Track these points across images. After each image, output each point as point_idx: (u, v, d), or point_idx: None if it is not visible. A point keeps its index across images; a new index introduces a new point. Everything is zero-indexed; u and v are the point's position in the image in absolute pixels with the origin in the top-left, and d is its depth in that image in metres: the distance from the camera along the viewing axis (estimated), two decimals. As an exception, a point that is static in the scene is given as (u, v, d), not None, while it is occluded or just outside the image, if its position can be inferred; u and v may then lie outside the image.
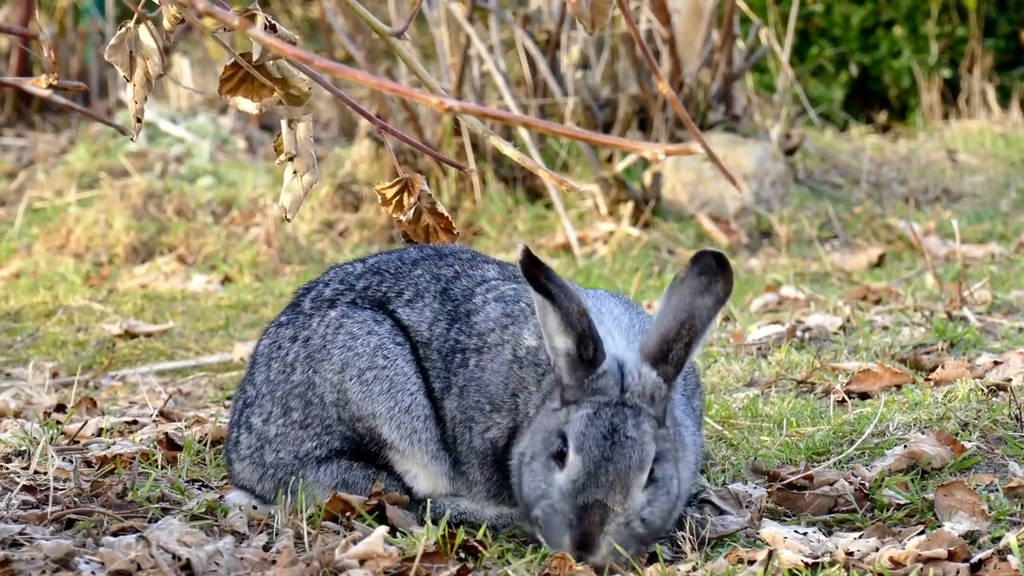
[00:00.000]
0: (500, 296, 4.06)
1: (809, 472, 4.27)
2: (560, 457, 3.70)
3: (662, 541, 3.91)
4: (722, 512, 4.09)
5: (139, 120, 3.98)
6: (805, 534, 3.86)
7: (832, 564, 3.68)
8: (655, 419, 3.73)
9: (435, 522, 3.91)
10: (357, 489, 4.03)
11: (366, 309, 4.10)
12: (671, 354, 3.75)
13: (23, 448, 4.76)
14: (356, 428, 4.01)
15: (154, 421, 5.25)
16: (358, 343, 4.02)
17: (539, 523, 3.72)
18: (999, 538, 3.80)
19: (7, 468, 4.50)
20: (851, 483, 4.20)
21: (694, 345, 3.75)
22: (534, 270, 3.66)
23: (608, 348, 3.78)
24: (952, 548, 3.68)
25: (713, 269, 3.76)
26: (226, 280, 8.73)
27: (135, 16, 3.94)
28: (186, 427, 5.12)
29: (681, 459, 3.83)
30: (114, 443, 4.84)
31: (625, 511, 3.67)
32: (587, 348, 3.71)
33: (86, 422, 5.06)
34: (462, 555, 3.79)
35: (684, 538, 3.86)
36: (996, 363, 5.25)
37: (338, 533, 3.90)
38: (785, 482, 4.25)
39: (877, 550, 3.73)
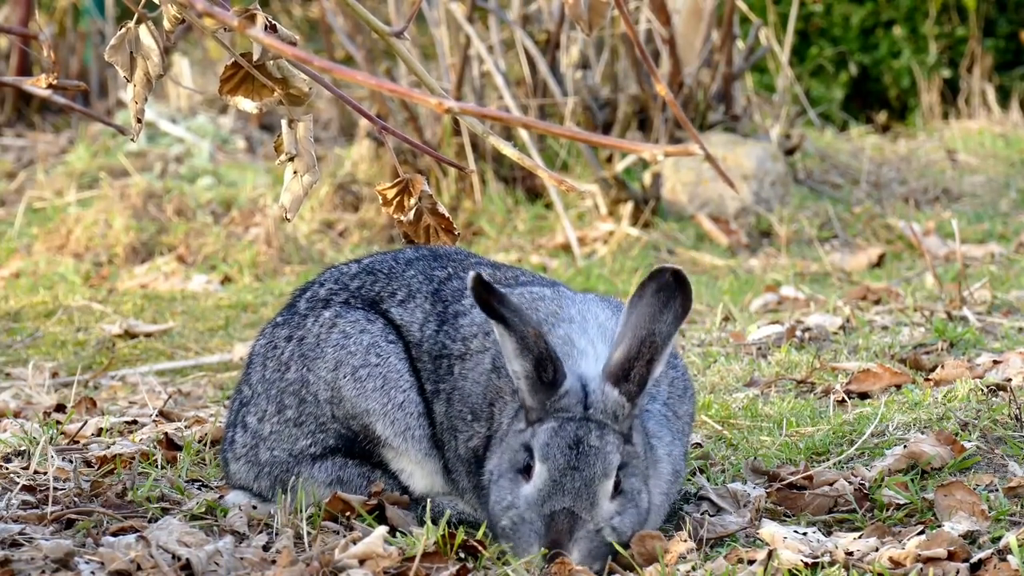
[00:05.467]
0: None
1: (809, 472, 4.27)
2: (526, 471, 3.71)
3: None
4: (721, 511, 4.09)
5: (139, 120, 3.98)
6: (805, 534, 3.86)
7: (832, 564, 3.69)
8: (620, 434, 3.73)
9: (435, 522, 3.91)
10: (352, 487, 4.04)
11: (359, 309, 4.11)
12: (632, 372, 3.74)
13: (23, 448, 4.76)
14: (350, 425, 4.02)
15: (154, 421, 5.25)
16: (351, 341, 4.04)
17: (507, 533, 3.73)
18: (999, 538, 3.80)
19: (7, 468, 4.50)
20: (851, 483, 4.20)
21: (655, 363, 3.74)
22: (486, 296, 3.66)
23: (571, 367, 3.79)
24: (952, 548, 3.68)
25: (671, 286, 3.74)
26: (226, 280, 8.73)
27: (135, 16, 3.94)
28: (186, 427, 5.12)
29: (652, 475, 3.83)
30: (114, 443, 4.85)
31: (593, 518, 3.67)
32: (546, 370, 3.72)
33: (86, 422, 5.06)
34: (462, 555, 3.79)
35: (683, 539, 3.85)
36: (996, 363, 5.25)
37: (338, 533, 3.90)
38: (785, 482, 4.25)
39: (877, 550, 3.73)
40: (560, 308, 3.99)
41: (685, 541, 3.76)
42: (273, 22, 3.80)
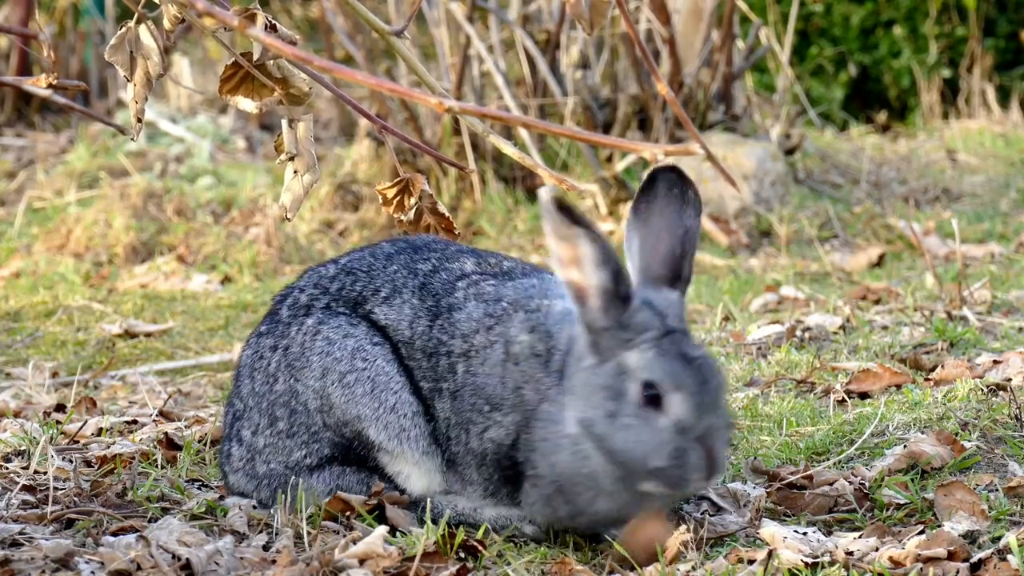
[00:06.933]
0: (479, 294, 4.02)
1: (809, 472, 4.27)
2: (654, 402, 3.69)
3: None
4: (721, 511, 4.09)
5: (139, 120, 3.98)
6: (805, 534, 3.86)
7: (832, 564, 3.69)
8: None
9: (434, 522, 3.90)
10: (352, 493, 4.02)
11: (341, 314, 4.06)
12: (682, 270, 3.81)
13: (23, 448, 4.76)
14: (343, 433, 3.99)
15: (154, 421, 5.25)
16: (335, 347, 3.99)
17: (665, 471, 3.69)
18: (999, 538, 3.80)
19: (7, 468, 4.50)
20: (851, 483, 4.20)
21: (693, 258, 3.83)
22: (564, 208, 3.68)
23: None
24: (952, 548, 3.68)
25: (678, 183, 3.83)
26: (226, 280, 8.73)
27: (135, 16, 3.94)
28: (186, 427, 5.11)
29: None
30: (114, 443, 4.84)
31: (725, 422, 3.74)
32: (621, 283, 3.73)
33: (86, 422, 5.06)
34: (462, 555, 3.79)
35: (681, 533, 3.85)
36: (996, 363, 5.25)
37: (338, 533, 3.90)
38: (785, 482, 4.25)
39: (877, 550, 3.73)
40: (554, 288, 4.00)
41: (683, 534, 3.76)
42: (273, 22, 3.80)
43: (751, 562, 3.70)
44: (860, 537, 3.83)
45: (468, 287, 4.05)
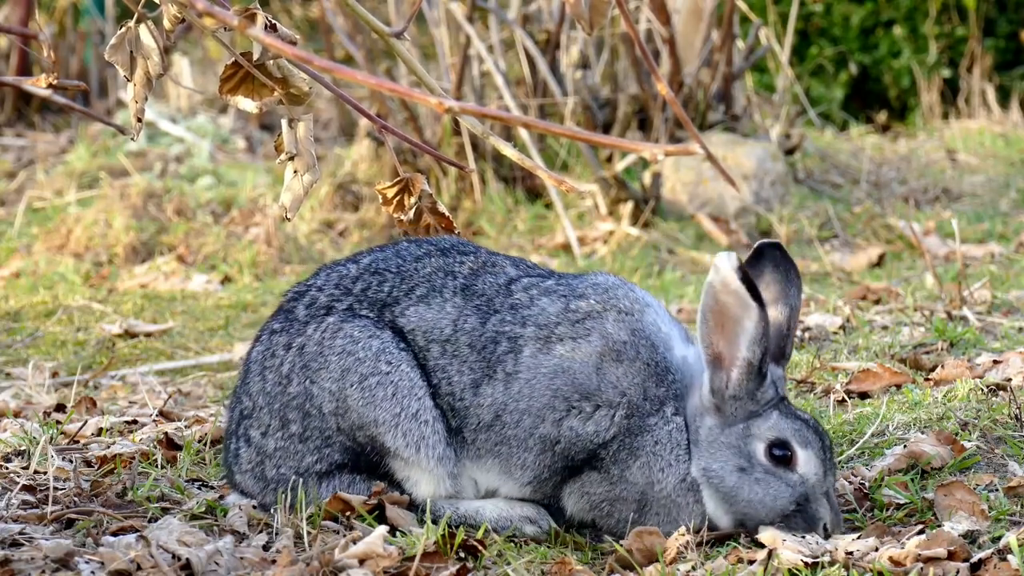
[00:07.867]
0: (549, 290, 4.00)
1: (809, 472, 4.27)
2: (785, 461, 3.85)
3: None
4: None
5: (139, 120, 3.97)
6: (804, 535, 3.86)
7: (832, 564, 3.69)
8: None
9: (435, 522, 3.90)
10: None
11: (364, 317, 4.00)
12: (787, 348, 3.96)
13: (23, 448, 4.76)
14: (356, 437, 3.93)
15: (154, 421, 5.24)
16: (359, 347, 3.92)
17: (793, 519, 3.86)
18: (999, 538, 3.80)
19: (7, 468, 4.50)
20: (851, 483, 4.21)
21: (794, 337, 3.99)
22: (751, 279, 3.79)
23: (695, 354, 3.95)
24: (952, 548, 3.68)
25: (779, 259, 3.99)
26: (226, 280, 8.73)
27: (135, 16, 3.94)
28: (186, 427, 5.11)
29: None
30: (114, 443, 4.84)
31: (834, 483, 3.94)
32: (766, 360, 3.85)
33: (86, 422, 5.06)
34: (462, 555, 3.78)
35: (682, 533, 3.85)
36: (996, 363, 5.25)
37: (338, 533, 3.90)
38: (785, 482, 4.25)
39: (877, 550, 3.73)
40: (635, 292, 4.01)
41: (683, 535, 3.77)
42: (273, 22, 3.80)
43: (751, 562, 3.70)
44: (860, 537, 3.83)
45: (527, 288, 4.01)
